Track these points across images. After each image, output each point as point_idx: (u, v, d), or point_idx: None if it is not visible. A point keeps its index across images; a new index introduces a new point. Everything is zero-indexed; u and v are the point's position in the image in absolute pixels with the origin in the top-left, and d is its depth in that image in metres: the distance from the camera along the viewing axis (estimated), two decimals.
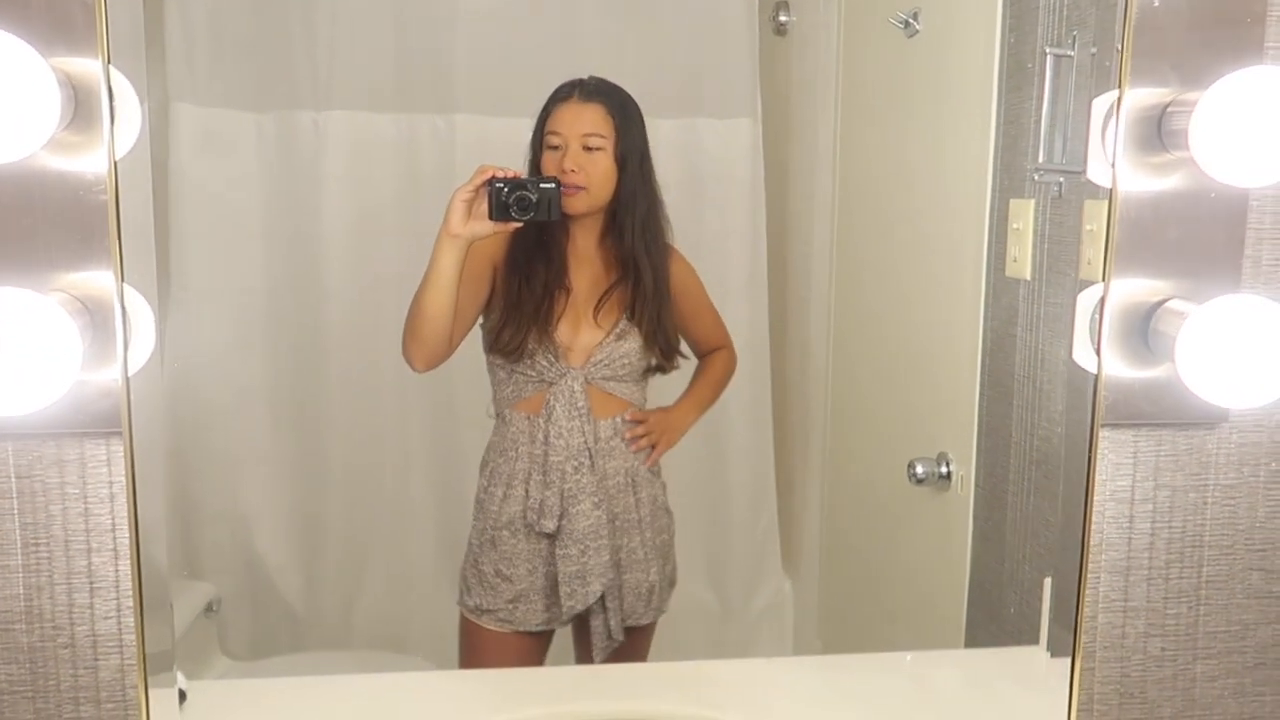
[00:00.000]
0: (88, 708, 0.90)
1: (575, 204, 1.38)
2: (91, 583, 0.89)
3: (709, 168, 1.65)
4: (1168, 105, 0.90)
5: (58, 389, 0.79)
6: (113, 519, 0.88)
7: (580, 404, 1.40)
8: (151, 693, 0.89)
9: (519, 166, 1.40)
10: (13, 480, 0.88)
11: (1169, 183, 0.93)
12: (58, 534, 0.88)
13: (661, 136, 1.44)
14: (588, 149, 1.38)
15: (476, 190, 1.27)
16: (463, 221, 1.27)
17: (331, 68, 1.58)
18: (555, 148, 1.38)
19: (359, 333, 1.60)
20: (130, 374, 0.87)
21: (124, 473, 0.87)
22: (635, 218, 1.42)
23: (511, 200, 1.26)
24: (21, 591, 0.89)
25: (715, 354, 1.54)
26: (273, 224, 1.59)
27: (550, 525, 1.40)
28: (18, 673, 0.90)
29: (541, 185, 1.27)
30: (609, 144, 1.39)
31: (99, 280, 0.85)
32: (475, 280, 1.36)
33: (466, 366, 1.41)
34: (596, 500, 1.41)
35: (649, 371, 1.46)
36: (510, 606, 1.44)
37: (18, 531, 0.88)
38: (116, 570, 0.89)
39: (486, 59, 1.62)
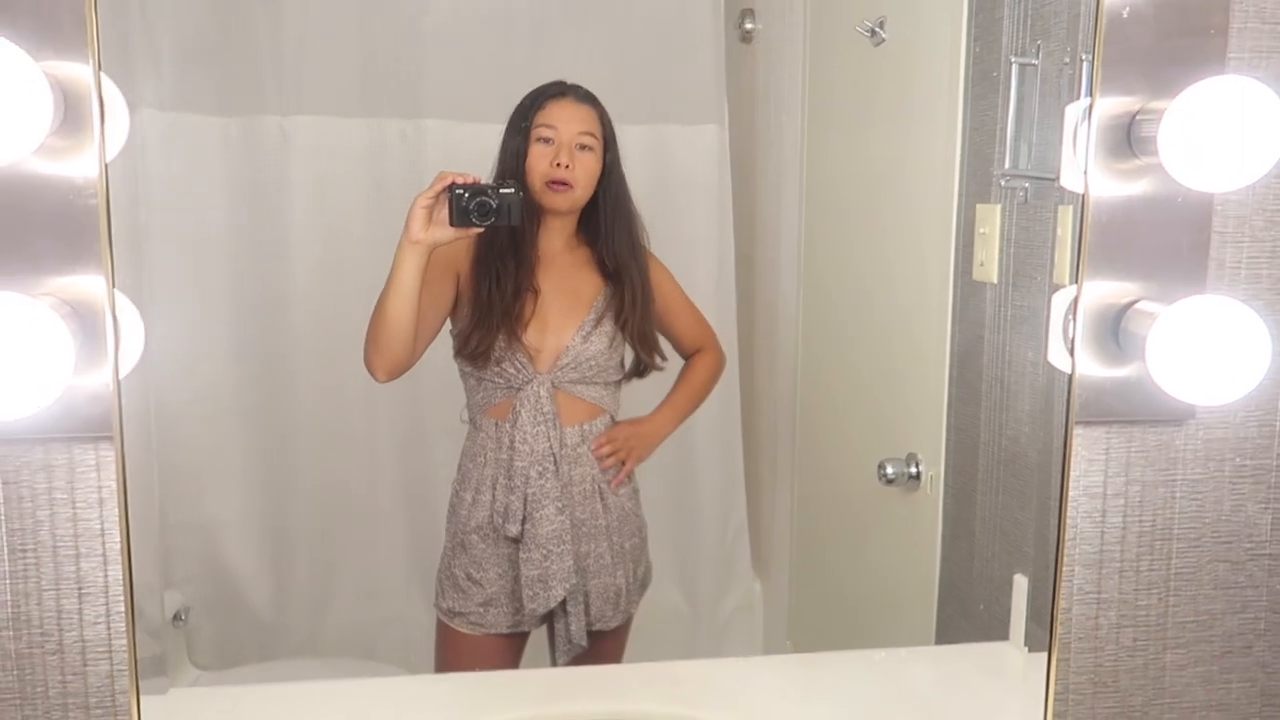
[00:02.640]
0: (76, 714, 0.89)
1: (560, 201, 1.39)
2: (80, 588, 0.88)
3: (676, 174, 1.66)
4: (1136, 113, 0.94)
5: (50, 393, 0.79)
6: (102, 524, 0.87)
7: (546, 409, 1.40)
8: (143, 699, 0.89)
9: (486, 171, 1.40)
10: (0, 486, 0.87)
11: (1138, 188, 0.96)
12: (45, 540, 0.87)
13: (629, 143, 1.45)
14: (581, 147, 1.39)
15: (437, 196, 1.27)
16: (423, 228, 1.27)
17: (298, 72, 1.57)
18: (548, 140, 1.39)
19: (327, 339, 1.59)
20: (119, 378, 0.86)
21: (114, 477, 0.86)
22: (621, 226, 1.43)
23: (472, 206, 1.26)
24: (9, 598, 0.88)
25: (698, 357, 1.54)
26: (238, 230, 1.57)
27: (514, 529, 1.40)
28: (5, 680, 0.89)
29: (502, 191, 1.27)
30: (599, 147, 1.40)
31: (86, 284, 0.84)
32: (438, 286, 1.36)
33: (434, 374, 1.40)
34: (560, 506, 1.41)
35: (627, 376, 1.47)
36: (481, 610, 1.44)
37: (5, 537, 0.87)
38: (105, 576, 0.88)
39: (455, 65, 1.62)
